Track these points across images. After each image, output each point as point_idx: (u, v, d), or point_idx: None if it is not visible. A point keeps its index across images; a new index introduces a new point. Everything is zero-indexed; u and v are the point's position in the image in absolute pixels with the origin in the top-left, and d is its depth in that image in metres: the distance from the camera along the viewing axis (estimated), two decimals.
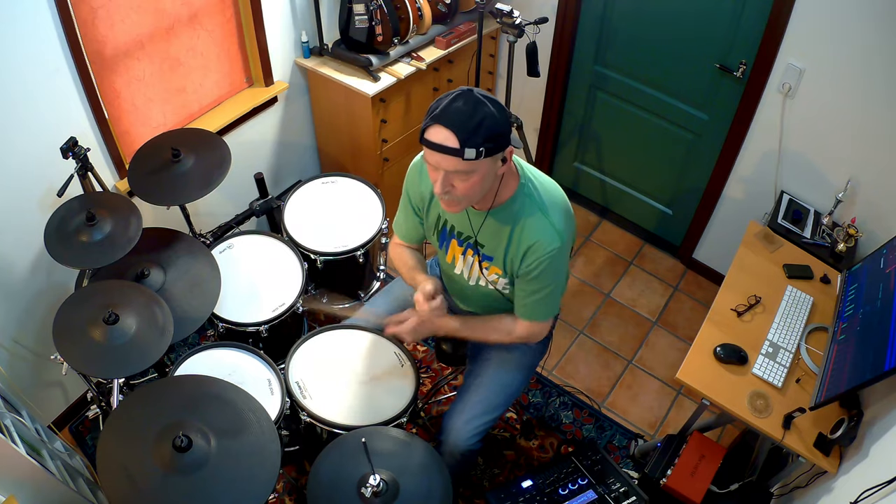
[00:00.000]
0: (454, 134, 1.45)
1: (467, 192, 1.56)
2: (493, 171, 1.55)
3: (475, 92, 1.48)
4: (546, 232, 1.64)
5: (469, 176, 1.51)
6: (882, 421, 1.82)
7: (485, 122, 1.45)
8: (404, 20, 2.77)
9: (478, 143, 1.45)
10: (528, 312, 1.81)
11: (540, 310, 1.81)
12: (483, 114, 1.45)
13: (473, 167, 1.49)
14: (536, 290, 1.74)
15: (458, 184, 1.54)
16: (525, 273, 1.71)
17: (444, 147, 1.46)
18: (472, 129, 1.44)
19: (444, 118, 1.46)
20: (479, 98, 1.47)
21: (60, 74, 2.09)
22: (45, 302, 2.34)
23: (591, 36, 3.07)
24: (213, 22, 2.55)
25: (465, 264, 1.86)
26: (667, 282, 3.37)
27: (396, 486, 1.65)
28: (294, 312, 2.34)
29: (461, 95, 1.47)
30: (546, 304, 1.79)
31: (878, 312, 1.90)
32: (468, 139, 1.44)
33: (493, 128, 1.46)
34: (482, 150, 1.46)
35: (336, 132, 3.12)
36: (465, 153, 1.45)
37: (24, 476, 1.74)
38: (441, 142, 1.46)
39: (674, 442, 2.21)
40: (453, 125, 1.45)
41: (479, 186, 1.55)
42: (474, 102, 1.46)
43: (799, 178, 2.71)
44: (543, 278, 1.70)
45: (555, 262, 1.66)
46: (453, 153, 1.46)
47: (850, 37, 2.28)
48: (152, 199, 2.15)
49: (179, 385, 1.79)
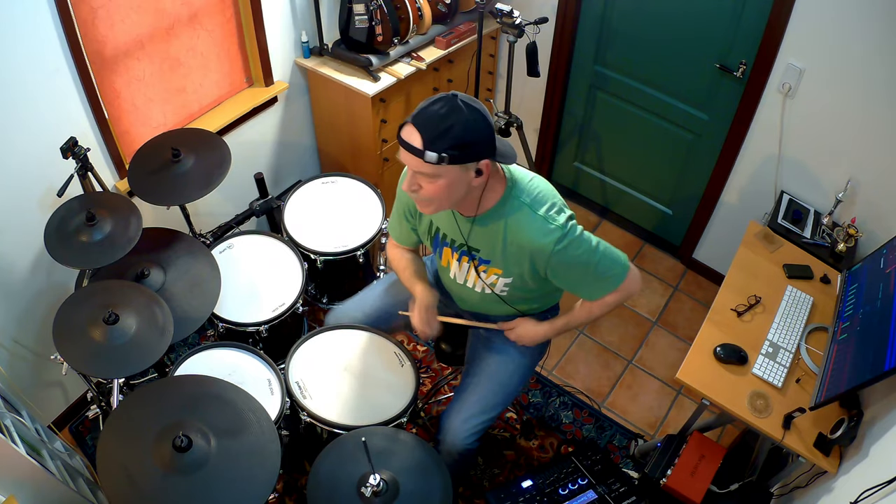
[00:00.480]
0: (420, 135, 1.46)
1: (433, 195, 1.55)
2: (464, 180, 1.53)
3: (459, 98, 1.47)
4: (541, 228, 1.62)
5: (434, 179, 1.51)
6: (882, 421, 1.82)
7: (454, 129, 1.44)
8: (404, 20, 2.77)
9: (441, 148, 1.45)
10: (593, 293, 1.75)
11: (601, 285, 1.72)
12: (455, 120, 1.44)
13: (437, 171, 1.49)
14: (584, 272, 1.68)
15: (424, 184, 1.54)
16: (554, 273, 1.68)
17: (409, 145, 1.48)
18: (439, 133, 1.44)
19: (417, 118, 1.47)
20: (459, 105, 1.46)
21: (60, 74, 2.09)
22: (45, 302, 2.34)
23: (591, 36, 3.07)
24: (213, 22, 2.55)
25: (459, 270, 1.86)
26: (667, 282, 3.37)
27: (396, 486, 1.66)
28: (294, 312, 2.34)
29: (442, 99, 1.47)
30: (603, 278, 1.71)
31: (878, 312, 1.90)
32: (432, 142, 1.45)
33: (461, 136, 1.45)
34: (444, 155, 1.45)
35: (336, 132, 3.12)
36: (425, 155, 1.46)
37: (24, 476, 1.74)
38: (407, 139, 1.48)
39: (674, 442, 2.21)
40: (422, 126, 1.46)
41: (445, 192, 1.54)
42: (452, 108, 1.45)
43: (799, 178, 2.71)
44: (575, 266, 1.66)
45: (573, 245, 1.62)
46: (415, 153, 1.47)
47: (850, 37, 2.28)
48: (152, 199, 2.15)
49: (179, 385, 1.79)
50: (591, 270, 1.69)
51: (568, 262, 1.65)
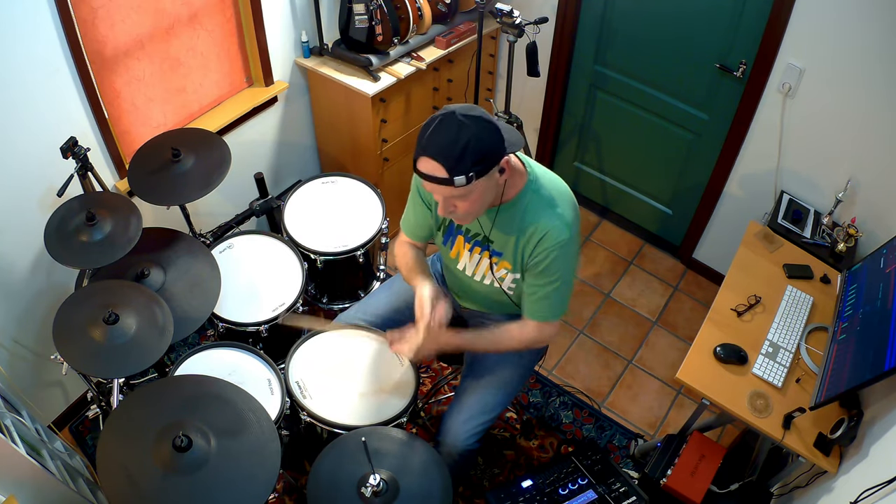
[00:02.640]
0: (441, 165, 1.45)
1: (470, 209, 1.58)
2: (492, 184, 1.56)
3: (457, 114, 1.46)
4: (555, 223, 1.64)
5: (467, 197, 1.53)
6: (882, 421, 1.82)
7: (470, 147, 1.44)
8: (404, 20, 2.77)
9: (466, 170, 1.45)
10: (536, 312, 1.78)
11: (548, 309, 1.78)
12: (467, 138, 1.44)
13: (468, 190, 1.50)
14: (545, 283, 1.72)
15: (458, 204, 1.56)
16: (534, 265, 1.70)
17: (434, 178, 1.48)
18: (457, 156, 1.44)
19: (429, 149, 1.47)
20: (462, 121, 1.44)
21: (60, 74, 2.09)
22: (45, 302, 2.34)
23: (591, 36, 3.07)
24: (213, 22, 2.55)
25: (470, 260, 1.86)
26: (667, 282, 3.36)
27: (396, 486, 1.65)
28: (294, 312, 2.34)
29: (443, 122, 1.46)
30: (554, 302, 1.77)
31: (878, 312, 1.90)
32: (455, 167, 1.45)
33: (479, 150, 1.45)
34: (472, 174, 1.46)
35: (336, 132, 3.12)
36: (454, 181, 1.46)
37: (24, 476, 1.74)
38: (431, 172, 1.48)
39: (674, 442, 2.21)
40: (439, 155, 1.45)
41: (479, 202, 1.57)
42: (457, 127, 1.44)
43: (799, 177, 2.71)
44: (552, 270, 1.69)
45: (564, 253, 1.66)
46: (444, 182, 1.47)
47: (850, 37, 2.28)
48: (152, 199, 2.15)
49: (179, 385, 1.78)
50: (556, 288, 1.72)
51: (550, 265, 1.68)
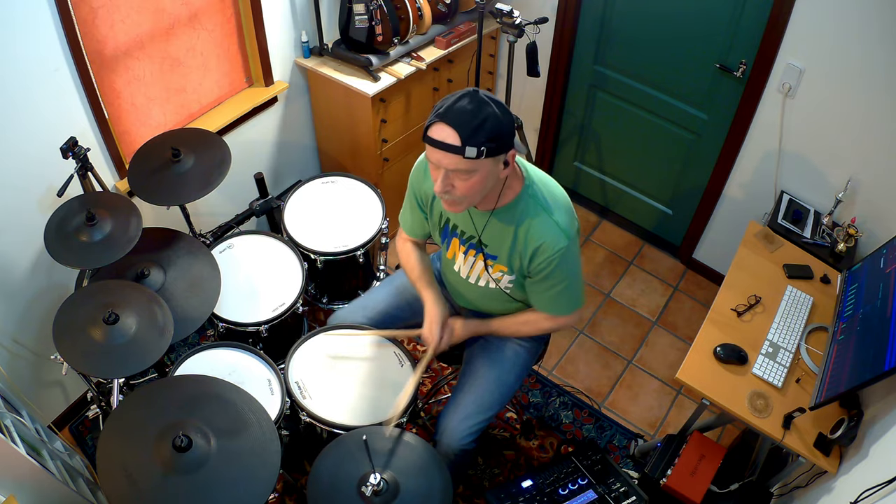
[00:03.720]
0: (456, 132, 1.46)
1: (467, 192, 1.56)
2: (495, 172, 1.56)
3: (480, 93, 1.50)
4: (551, 232, 1.65)
5: (470, 175, 1.52)
6: (882, 421, 1.82)
7: (488, 122, 1.46)
8: (404, 20, 2.77)
9: (479, 142, 1.46)
10: (547, 307, 1.83)
11: (559, 304, 1.82)
12: (487, 114, 1.47)
13: (474, 166, 1.50)
14: (550, 286, 1.75)
15: (458, 183, 1.55)
16: (536, 273, 1.72)
17: (446, 144, 1.48)
18: (474, 127, 1.46)
19: (448, 116, 1.47)
20: (484, 98, 1.49)
21: (60, 74, 2.09)
22: (45, 302, 2.34)
23: (591, 36, 3.07)
24: (213, 22, 2.55)
25: (464, 262, 1.87)
26: (667, 282, 3.37)
27: (396, 486, 1.65)
28: (294, 312, 2.34)
29: (466, 95, 1.49)
30: (564, 299, 1.80)
31: (878, 312, 1.90)
32: (470, 137, 1.46)
33: (495, 128, 1.47)
34: (483, 149, 1.47)
35: (336, 132, 3.12)
36: (465, 151, 1.46)
37: (24, 476, 1.74)
38: (443, 139, 1.48)
39: (674, 442, 2.21)
40: (456, 123, 1.46)
41: (479, 187, 1.56)
42: (479, 102, 1.48)
43: (799, 178, 2.71)
44: (556, 276, 1.71)
45: (565, 259, 1.67)
46: (455, 150, 1.47)
47: (850, 37, 2.28)
48: (152, 199, 2.15)
49: (179, 385, 1.78)
50: (563, 287, 1.75)
51: (553, 271, 1.70)
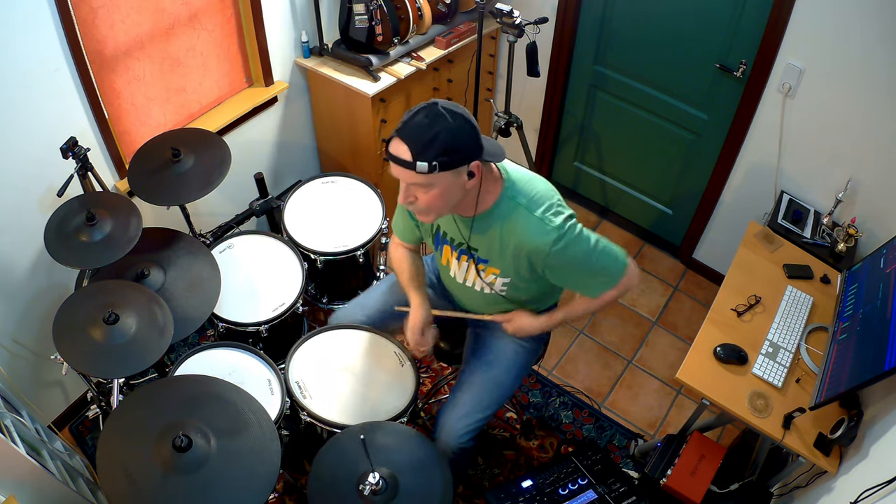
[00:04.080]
0: (408, 147, 1.47)
1: (429, 204, 1.57)
2: (457, 184, 1.55)
3: (440, 105, 1.49)
4: (537, 229, 1.62)
5: (428, 189, 1.53)
6: (882, 421, 1.82)
7: (440, 136, 1.46)
8: (404, 20, 2.77)
9: (430, 157, 1.46)
10: (592, 291, 1.76)
11: (601, 283, 1.74)
12: (440, 128, 1.46)
13: (430, 180, 1.51)
14: (580, 273, 1.71)
15: (419, 195, 1.56)
16: (552, 271, 1.69)
17: (398, 159, 1.50)
18: (425, 143, 1.46)
19: (402, 131, 1.49)
20: (441, 112, 1.47)
21: (60, 74, 2.09)
22: (45, 302, 2.34)
23: (591, 36, 3.07)
24: (213, 22, 2.55)
25: (458, 268, 1.87)
26: (667, 282, 3.36)
27: (396, 484, 1.65)
28: (294, 312, 2.34)
29: (423, 109, 1.49)
30: (600, 277, 1.72)
31: (878, 312, 1.90)
32: (420, 153, 1.46)
33: (449, 141, 1.47)
34: (435, 164, 1.47)
35: (336, 132, 3.12)
36: (416, 166, 1.47)
37: (24, 476, 1.74)
38: (398, 154, 1.50)
39: (674, 442, 2.21)
40: (408, 138, 1.48)
41: (440, 199, 1.56)
42: (434, 116, 1.47)
43: (799, 177, 2.71)
44: (574, 262, 1.67)
45: (568, 245, 1.63)
46: (406, 166, 1.49)
47: (850, 37, 2.28)
48: (152, 199, 2.15)
49: (179, 385, 1.78)
50: (590, 269, 1.70)
51: (566, 262, 1.66)
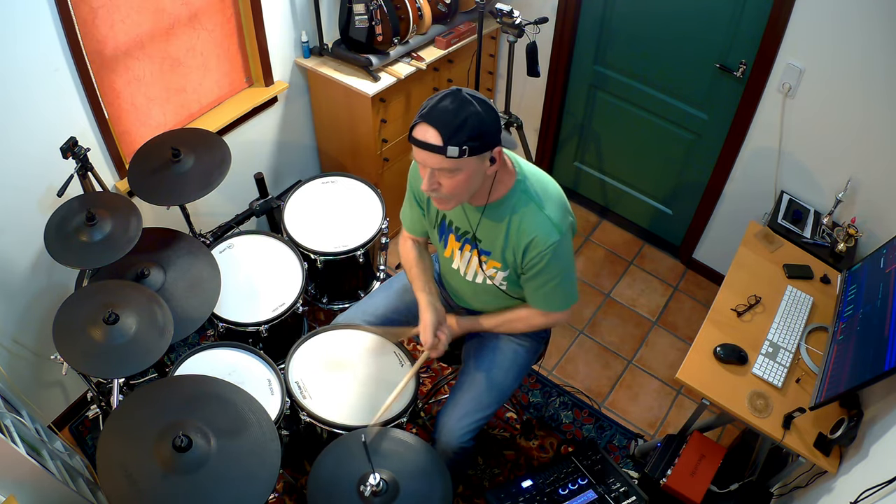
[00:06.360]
0: (438, 132, 1.48)
1: (453, 191, 1.58)
2: (481, 170, 1.57)
3: (464, 92, 1.51)
4: (543, 226, 1.65)
5: (454, 174, 1.54)
6: (882, 421, 1.82)
7: (469, 121, 1.47)
8: (404, 20, 2.77)
9: (461, 141, 1.47)
10: (541, 304, 1.84)
11: (552, 300, 1.82)
12: (468, 112, 1.48)
13: (458, 165, 1.51)
14: (544, 282, 1.76)
15: (444, 181, 1.56)
16: (529, 268, 1.73)
17: (428, 144, 1.50)
18: (455, 127, 1.47)
19: (429, 116, 1.49)
20: (467, 97, 1.50)
21: (60, 74, 2.09)
22: (45, 302, 2.34)
23: (591, 36, 3.07)
24: (213, 22, 2.55)
25: (462, 259, 1.87)
26: (667, 282, 3.36)
27: (396, 486, 1.65)
28: (294, 312, 2.34)
29: (449, 94, 1.51)
30: (558, 295, 1.80)
31: (878, 312, 1.90)
32: (451, 137, 1.47)
33: (477, 126, 1.48)
34: (465, 148, 1.48)
35: (336, 132, 3.12)
36: (447, 150, 1.48)
37: (24, 476, 1.74)
38: (426, 139, 1.50)
39: (674, 442, 2.21)
40: (437, 123, 1.48)
41: (465, 185, 1.57)
42: (461, 101, 1.49)
43: (799, 178, 2.71)
44: (549, 271, 1.72)
45: (557, 254, 1.67)
46: (436, 150, 1.49)
47: (850, 37, 2.28)
48: (152, 199, 2.15)
49: (179, 385, 1.78)
50: (557, 283, 1.76)
51: (546, 266, 1.70)
